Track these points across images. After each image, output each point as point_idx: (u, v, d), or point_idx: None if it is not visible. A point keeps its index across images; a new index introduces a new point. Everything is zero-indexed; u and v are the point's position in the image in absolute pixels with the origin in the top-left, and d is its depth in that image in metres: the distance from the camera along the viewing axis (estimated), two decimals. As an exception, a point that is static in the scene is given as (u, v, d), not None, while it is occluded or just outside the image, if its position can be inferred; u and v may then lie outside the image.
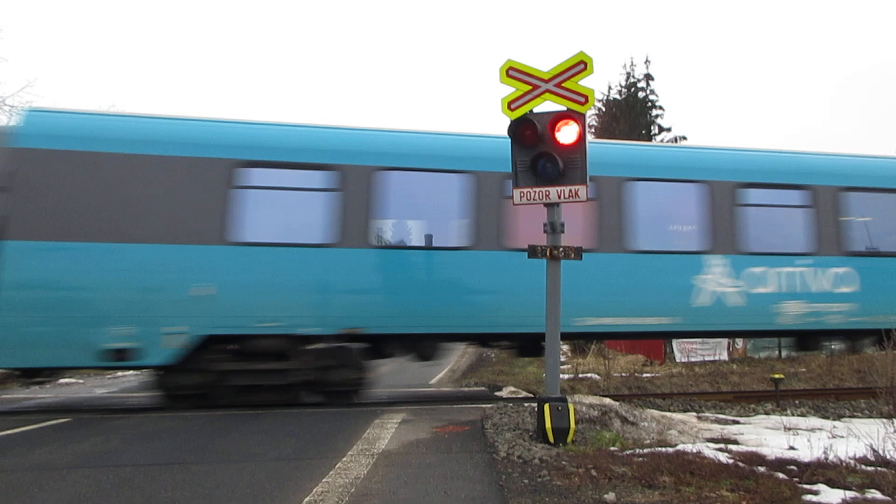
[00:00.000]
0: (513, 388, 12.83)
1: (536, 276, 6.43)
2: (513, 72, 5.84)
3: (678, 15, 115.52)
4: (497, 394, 11.98)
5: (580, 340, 19.63)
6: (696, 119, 76.51)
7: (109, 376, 17.14)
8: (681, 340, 19.06)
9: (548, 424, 5.38)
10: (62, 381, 15.14)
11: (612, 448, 5.25)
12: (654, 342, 19.20)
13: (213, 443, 5.85)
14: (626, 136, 33.45)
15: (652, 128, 35.08)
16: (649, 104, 35.32)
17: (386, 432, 6.06)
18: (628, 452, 5.03)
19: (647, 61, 36.10)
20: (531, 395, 10.93)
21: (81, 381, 15.44)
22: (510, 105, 5.81)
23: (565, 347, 22.10)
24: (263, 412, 7.57)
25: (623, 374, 16.04)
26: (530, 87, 5.77)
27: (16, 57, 41.45)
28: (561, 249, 5.65)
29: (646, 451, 5.07)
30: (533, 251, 5.73)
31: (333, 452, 5.23)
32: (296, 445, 5.63)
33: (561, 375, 8.88)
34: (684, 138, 34.60)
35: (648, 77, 35.51)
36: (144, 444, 5.87)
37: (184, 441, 5.96)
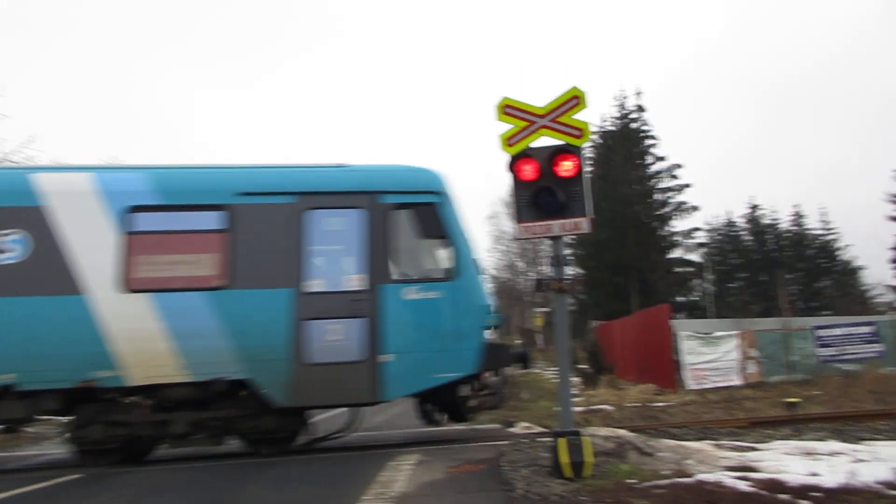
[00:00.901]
0: (526, 424, 12.63)
1: None
2: (509, 109, 5.96)
3: (673, 43, 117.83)
4: (511, 430, 11.78)
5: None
6: (701, 148, 77.36)
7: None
8: (692, 366, 18.82)
9: (564, 459, 5.33)
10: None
11: (630, 481, 5.18)
12: (665, 369, 18.96)
13: (227, 494, 5.79)
14: (622, 165, 33.81)
15: (646, 157, 35.44)
16: (642, 135, 35.77)
17: (401, 474, 5.99)
18: (647, 484, 4.96)
19: (638, 93, 36.59)
20: (546, 430, 10.79)
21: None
22: (508, 141, 5.93)
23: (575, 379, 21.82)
24: (276, 459, 7.49)
25: (636, 405, 15.83)
26: (527, 123, 5.89)
27: (17, 114, 42.42)
28: (568, 281, 5.69)
29: (665, 482, 5.00)
30: (539, 284, 5.78)
31: (349, 497, 5.17)
32: (311, 493, 5.57)
33: (574, 408, 8.76)
34: (679, 167, 34.92)
35: (640, 108, 36.06)
36: (157, 498, 5.81)
37: (198, 493, 5.89)
